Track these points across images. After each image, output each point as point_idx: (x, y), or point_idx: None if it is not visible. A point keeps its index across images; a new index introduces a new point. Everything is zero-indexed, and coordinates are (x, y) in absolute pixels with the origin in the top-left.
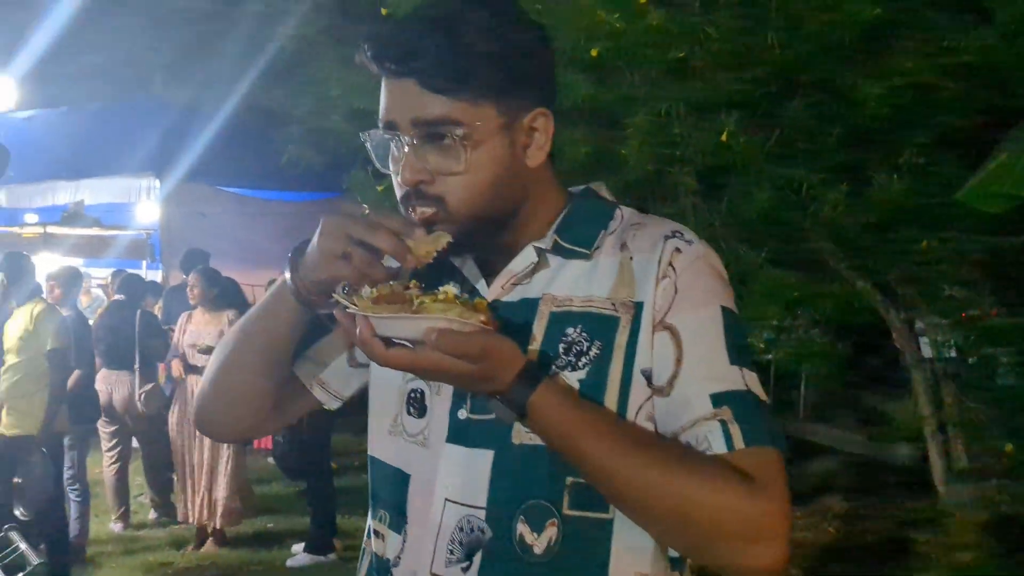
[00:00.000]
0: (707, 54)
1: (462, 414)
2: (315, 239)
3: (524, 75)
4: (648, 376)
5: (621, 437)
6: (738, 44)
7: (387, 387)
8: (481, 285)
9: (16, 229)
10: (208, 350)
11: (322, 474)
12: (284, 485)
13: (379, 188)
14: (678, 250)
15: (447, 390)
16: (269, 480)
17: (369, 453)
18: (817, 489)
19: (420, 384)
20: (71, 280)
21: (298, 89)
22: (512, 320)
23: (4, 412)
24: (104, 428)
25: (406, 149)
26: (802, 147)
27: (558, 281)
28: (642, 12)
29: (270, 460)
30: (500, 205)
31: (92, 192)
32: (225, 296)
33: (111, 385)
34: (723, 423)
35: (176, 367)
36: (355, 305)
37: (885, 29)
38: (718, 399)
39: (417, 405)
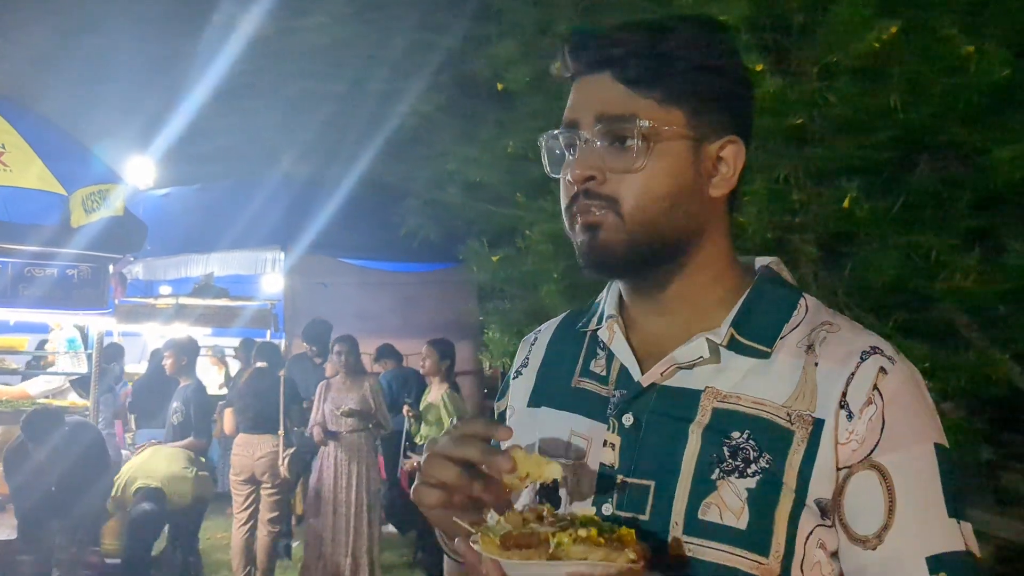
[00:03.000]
0: (826, 120)
1: None
2: None
3: (720, 95)
4: (822, 507)
5: None
6: (859, 109)
7: None
8: (635, 370)
9: (151, 300)
10: (351, 413)
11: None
12: (399, 555)
13: (494, 259)
14: (883, 371)
15: None
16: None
17: None
18: None
19: None
20: (189, 350)
21: (416, 164)
22: (662, 430)
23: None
24: (239, 491)
25: (583, 144)
26: (929, 213)
27: (726, 373)
28: (758, 79)
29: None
30: (674, 228)
31: (221, 264)
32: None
33: (252, 449)
34: None
35: (317, 433)
36: (482, 539)
37: (1016, 90)
38: (936, 563)
39: None
